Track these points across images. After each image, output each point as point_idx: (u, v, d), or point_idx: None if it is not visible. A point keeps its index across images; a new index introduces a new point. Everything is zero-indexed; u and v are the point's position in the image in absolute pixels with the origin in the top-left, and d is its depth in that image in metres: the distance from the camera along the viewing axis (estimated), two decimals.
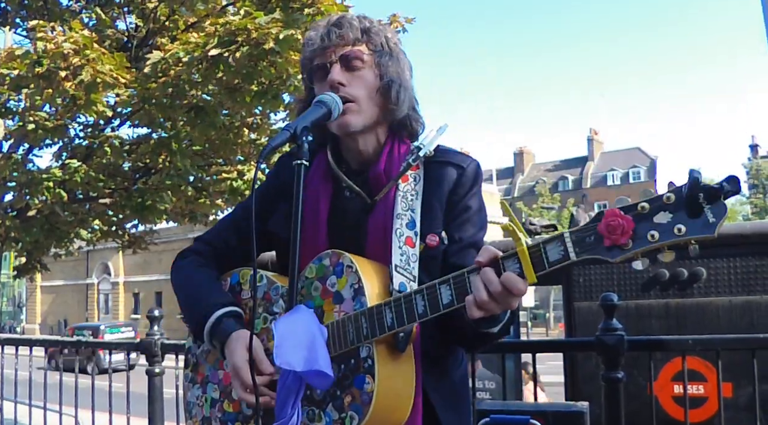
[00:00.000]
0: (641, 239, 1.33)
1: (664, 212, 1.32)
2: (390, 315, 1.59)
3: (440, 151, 1.85)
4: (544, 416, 2.88)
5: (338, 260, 1.72)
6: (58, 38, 8.00)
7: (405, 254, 1.74)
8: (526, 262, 1.43)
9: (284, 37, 7.64)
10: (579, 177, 68.14)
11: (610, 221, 1.35)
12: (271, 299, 1.87)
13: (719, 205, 1.28)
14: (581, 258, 1.39)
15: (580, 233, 1.39)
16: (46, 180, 9.26)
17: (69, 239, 11.96)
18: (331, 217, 1.88)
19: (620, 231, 1.33)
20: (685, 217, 1.30)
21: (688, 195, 1.29)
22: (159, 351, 4.26)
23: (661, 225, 1.32)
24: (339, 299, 1.69)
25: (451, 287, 1.54)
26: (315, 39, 1.87)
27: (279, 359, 1.47)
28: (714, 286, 4.20)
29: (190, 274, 2.01)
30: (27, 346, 5.26)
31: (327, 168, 1.93)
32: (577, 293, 4.54)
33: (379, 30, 1.89)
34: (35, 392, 5.10)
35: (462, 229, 1.85)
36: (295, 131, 1.61)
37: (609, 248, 1.36)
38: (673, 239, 1.31)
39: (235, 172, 10.81)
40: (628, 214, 1.34)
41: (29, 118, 8.84)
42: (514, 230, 1.44)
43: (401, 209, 1.79)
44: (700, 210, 1.29)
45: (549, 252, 1.41)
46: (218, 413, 1.91)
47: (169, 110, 8.98)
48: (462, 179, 1.87)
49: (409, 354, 1.69)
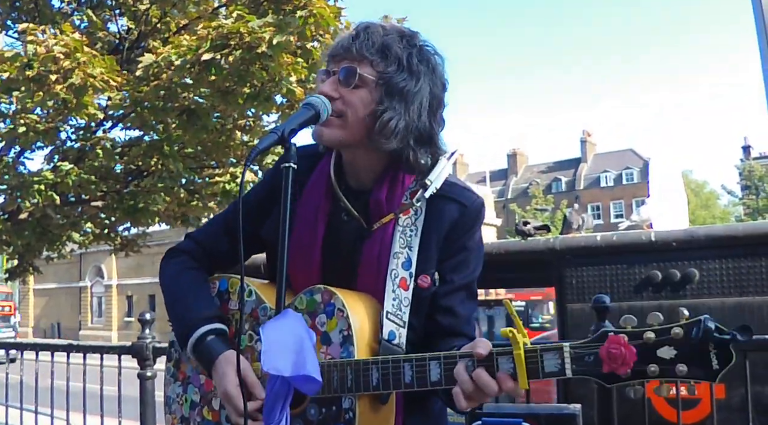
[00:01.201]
0: (641, 372, 1.32)
1: (669, 346, 1.30)
2: (376, 376, 1.57)
3: (445, 183, 1.79)
4: (537, 418, 2.88)
5: (330, 299, 1.68)
6: (48, 41, 7.99)
7: (397, 298, 1.71)
8: (521, 368, 1.42)
9: (277, 42, 7.64)
10: (572, 179, 68.25)
11: (612, 348, 1.32)
12: (259, 319, 1.83)
13: (726, 353, 1.27)
14: (576, 376, 1.39)
15: (580, 351, 1.38)
16: (38, 183, 9.22)
17: (61, 242, 11.94)
18: (326, 237, 1.83)
19: (621, 361, 1.32)
20: (688, 357, 1.28)
21: (697, 341, 1.28)
22: (150, 355, 4.24)
23: (663, 360, 1.31)
24: (327, 340, 1.66)
25: (441, 366, 1.52)
26: (335, 42, 1.78)
27: (267, 364, 1.45)
28: (706, 287, 4.20)
29: (179, 276, 1.96)
30: (19, 349, 5.23)
31: (328, 183, 1.86)
32: (570, 294, 4.54)
33: (404, 48, 1.73)
34: (26, 395, 5.08)
35: (456, 271, 1.80)
36: (282, 133, 1.58)
37: (606, 375, 1.35)
38: (672, 377, 1.30)
39: (227, 174, 10.78)
40: (632, 343, 1.32)
41: (20, 121, 8.81)
42: (514, 335, 1.41)
43: (399, 247, 1.74)
44: (705, 355, 1.27)
45: (546, 362, 1.40)
46: (197, 417, 1.89)
47: (161, 112, 8.97)
48: (463, 217, 1.80)
49: (391, 404, 1.67)
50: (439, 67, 1.79)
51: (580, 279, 4.53)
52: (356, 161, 1.83)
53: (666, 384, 1.34)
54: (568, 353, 1.38)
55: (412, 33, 1.78)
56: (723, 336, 1.27)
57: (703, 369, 1.28)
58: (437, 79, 1.78)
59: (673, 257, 4.28)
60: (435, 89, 1.77)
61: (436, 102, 1.77)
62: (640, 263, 4.37)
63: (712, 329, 1.27)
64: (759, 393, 3.63)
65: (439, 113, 1.80)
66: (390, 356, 1.59)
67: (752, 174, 51.81)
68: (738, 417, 3.60)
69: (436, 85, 1.77)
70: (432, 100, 1.76)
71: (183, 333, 1.82)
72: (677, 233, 4.51)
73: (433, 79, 1.76)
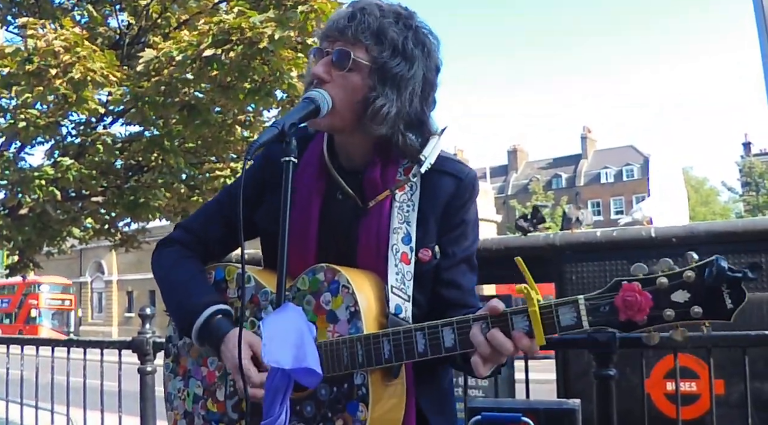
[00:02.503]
0: (657, 317, 1.33)
1: (683, 290, 1.31)
2: (388, 348, 1.57)
3: (438, 157, 1.80)
4: (536, 413, 2.88)
5: (333, 277, 1.67)
6: (48, 36, 7.97)
7: (400, 272, 1.71)
8: (537, 324, 1.42)
9: (279, 38, 7.63)
10: (572, 175, 68.26)
11: (627, 296, 1.34)
12: (260, 304, 1.82)
13: (739, 291, 1.28)
14: (593, 328, 1.39)
15: (595, 301, 1.38)
16: (38, 178, 9.20)
17: (61, 237, 11.91)
18: (321, 217, 1.82)
19: (637, 308, 1.33)
20: (703, 298, 1.30)
21: (710, 281, 1.29)
22: (151, 350, 4.25)
23: (677, 304, 1.31)
24: (333, 318, 1.66)
25: (455, 331, 1.52)
26: (331, 19, 1.76)
27: (267, 357, 1.45)
28: None
29: (175, 265, 1.95)
30: (19, 345, 5.24)
31: (320, 164, 1.85)
32: (570, 290, 4.54)
33: (400, 32, 1.71)
34: (27, 390, 5.09)
35: (456, 243, 1.81)
36: (282, 127, 1.58)
37: (624, 322, 1.35)
38: (688, 320, 1.31)
39: (227, 169, 10.76)
40: (646, 289, 1.33)
41: (20, 115, 8.79)
42: (528, 292, 1.42)
43: (397, 223, 1.74)
44: (719, 294, 1.28)
45: (561, 316, 1.41)
46: (201, 410, 1.88)
47: (161, 108, 8.94)
48: (459, 190, 1.81)
49: (402, 378, 1.67)
50: (434, 49, 1.78)
51: (580, 275, 4.54)
52: (347, 143, 1.83)
53: (681, 328, 1.34)
54: (583, 305, 1.39)
55: (409, 13, 1.77)
56: (735, 274, 1.29)
57: (717, 308, 1.29)
58: (431, 62, 1.77)
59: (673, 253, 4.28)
60: (428, 74, 1.76)
61: (428, 86, 1.77)
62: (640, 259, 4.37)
63: (725, 268, 1.29)
64: (758, 389, 3.64)
65: (431, 96, 1.80)
66: (400, 327, 1.59)
67: (752, 171, 51.84)
68: (737, 413, 3.61)
69: (429, 70, 1.77)
70: (425, 84, 1.75)
71: (186, 319, 1.81)
72: (677, 230, 4.52)
73: (427, 63, 1.76)
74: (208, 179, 10.93)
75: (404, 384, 1.68)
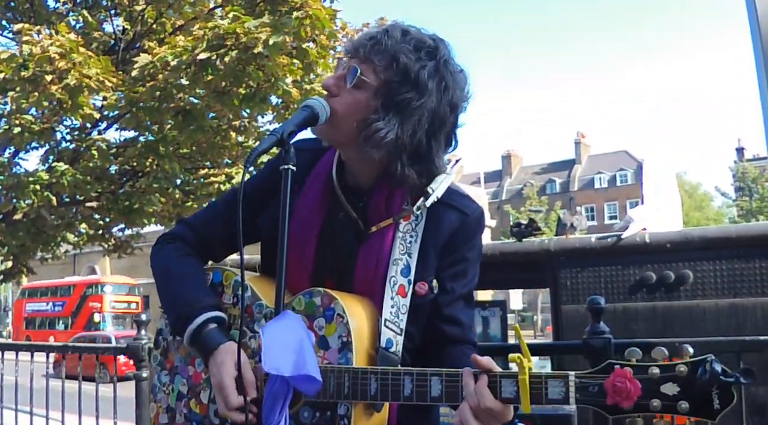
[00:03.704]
0: (643, 405, 1.34)
1: (673, 383, 1.32)
2: (374, 386, 1.57)
3: (447, 190, 1.77)
4: (532, 418, 2.89)
5: (330, 304, 1.66)
6: (44, 42, 7.98)
7: (396, 305, 1.70)
8: (525, 393, 1.43)
9: (273, 43, 7.65)
10: (566, 180, 68.36)
11: (618, 381, 1.34)
12: (254, 316, 1.80)
13: (728, 394, 1.30)
14: (579, 405, 1.40)
15: (586, 381, 1.39)
16: (33, 183, 9.21)
17: (55, 242, 11.91)
18: (322, 233, 1.80)
19: (625, 395, 1.34)
20: (690, 395, 1.31)
21: (702, 382, 1.30)
22: (146, 356, 4.24)
23: (666, 396, 1.33)
24: (325, 345, 1.65)
25: (443, 383, 1.52)
26: (361, 35, 1.73)
27: (267, 364, 1.46)
28: (700, 289, 4.23)
29: (175, 261, 1.93)
30: (13, 351, 5.23)
31: (327, 180, 1.83)
32: (565, 296, 4.56)
33: (417, 60, 1.66)
34: (21, 397, 5.07)
35: (455, 280, 1.78)
36: (281, 135, 1.57)
37: (610, 407, 1.36)
38: (673, 413, 1.32)
39: (222, 175, 10.79)
40: (637, 377, 1.34)
41: (15, 121, 8.80)
42: (521, 361, 1.42)
43: (399, 253, 1.73)
44: (708, 395, 1.30)
45: (550, 389, 1.41)
46: (184, 408, 1.87)
47: (156, 113, 8.97)
48: (463, 226, 1.77)
49: (384, 411, 1.67)
50: (456, 86, 1.71)
51: (575, 281, 4.55)
52: (352, 160, 1.80)
53: (664, 419, 1.36)
54: (573, 382, 1.40)
55: (436, 45, 1.70)
56: (728, 378, 1.30)
57: (704, 407, 1.30)
58: (448, 98, 1.69)
59: (668, 258, 4.31)
60: (441, 109, 1.68)
61: (438, 121, 1.69)
62: (635, 264, 4.40)
63: (719, 372, 1.30)
64: (753, 393, 3.66)
65: (441, 133, 1.71)
66: (390, 368, 1.59)
67: (746, 176, 51.94)
68: (732, 418, 3.61)
69: (443, 105, 1.68)
70: (434, 119, 1.68)
71: (181, 318, 1.79)
72: (672, 235, 4.54)
73: (442, 97, 1.68)
74: (202, 185, 10.95)
75: (386, 418, 1.68)
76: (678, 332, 4.07)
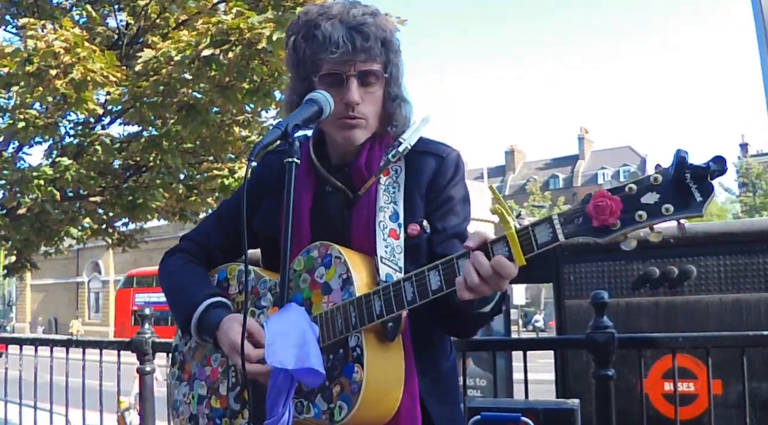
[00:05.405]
0: (629, 219, 1.34)
1: (652, 192, 1.33)
2: (379, 303, 1.60)
3: (421, 141, 1.85)
4: (535, 413, 2.90)
5: (326, 251, 1.73)
6: (48, 36, 7.97)
7: (390, 245, 1.75)
8: (515, 245, 1.44)
9: (277, 38, 7.64)
10: (570, 176, 68.32)
11: (598, 201, 1.36)
12: (259, 293, 1.87)
13: (706, 184, 1.29)
14: (570, 239, 1.41)
15: (569, 215, 1.40)
16: (37, 178, 9.22)
17: (59, 237, 11.92)
18: (313, 212, 1.87)
19: (608, 212, 1.35)
20: (672, 197, 1.31)
21: (674, 175, 1.30)
22: (150, 350, 4.25)
23: (648, 205, 1.33)
24: (327, 289, 1.70)
25: (440, 273, 1.54)
26: (334, 40, 1.71)
27: (271, 357, 1.47)
28: (704, 284, 4.22)
29: (178, 270, 2.01)
30: (17, 345, 5.24)
31: (308, 162, 1.90)
32: (568, 290, 4.56)
33: (392, 36, 1.81)
34: (25, 391, 5.08)
35: (445, 219, 1.85)
36: (286, 129, 1.60)
37: (597, 228, 1.37)
38: (660, 218, 1.32)
39: (226, 169, 10.77)
40: (616, 195, 1.35)
41: (19, 116, 8.80)
42: (502, 213, 1.44)
43: (384, 203, 1.79)
44: (687, 190, 1.30)
45: (538, 235, 1.42)
46: (205, 409, 1.91)
47: (160, 108, 8.98)
48: (442, 168, 1.86)
49: (398, 344, 1.69)
50: None
51: (578, 275, 4.55)
52: (344, 140, 1.86)
53: (655, 230, 1.36)
54: (557, 220, 1.41)
55: (374, 10, 1.82)
56: (698, 164, 1.29)
57: (687, 203, 1.30)
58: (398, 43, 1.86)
59: (671, 253, 4.30)
60: None
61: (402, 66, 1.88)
62: (638, 259, 4.39)
63: (686, 157, 1.30)
64: (756, 388, 3.66)
65: None
66: (390, 282, 1.63)
67: (749, 171, 51.86)
68: (735, 413, 3.62)
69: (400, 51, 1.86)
70: None
71: (186, 314, 1.85)
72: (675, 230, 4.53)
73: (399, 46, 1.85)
74: (206, 179, 10.95)
75: (402, 351, 1.70)
76: (681, 327, 4.07)
